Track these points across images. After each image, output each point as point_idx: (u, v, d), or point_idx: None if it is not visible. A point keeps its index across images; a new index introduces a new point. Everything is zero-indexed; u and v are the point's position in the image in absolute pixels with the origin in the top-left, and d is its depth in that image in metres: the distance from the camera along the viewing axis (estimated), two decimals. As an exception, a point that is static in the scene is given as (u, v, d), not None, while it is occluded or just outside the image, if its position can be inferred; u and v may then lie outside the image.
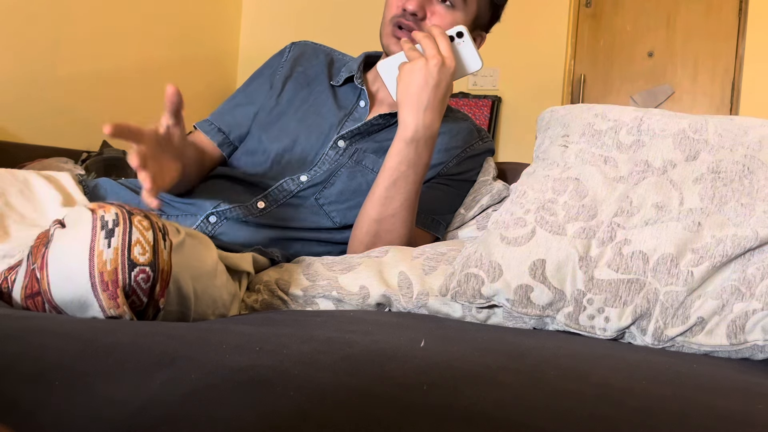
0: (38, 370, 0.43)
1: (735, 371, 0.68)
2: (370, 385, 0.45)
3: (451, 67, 0.98)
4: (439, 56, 0.97)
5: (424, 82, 0.97)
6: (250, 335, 0.57)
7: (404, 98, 0.98)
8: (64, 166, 1.90)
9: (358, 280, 0.91)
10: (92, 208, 0.65)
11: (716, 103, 3.16)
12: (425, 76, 0.97)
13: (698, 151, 0.87)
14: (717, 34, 3.15)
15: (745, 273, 0.78)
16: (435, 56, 0.97)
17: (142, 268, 0.63)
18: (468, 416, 0.40)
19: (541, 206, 0.87)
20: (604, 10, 3.32)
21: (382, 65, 1.05)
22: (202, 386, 0.41)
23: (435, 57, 0.97)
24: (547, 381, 0.52)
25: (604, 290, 0.80)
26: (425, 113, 0.98)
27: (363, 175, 1.12)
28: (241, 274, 0.93)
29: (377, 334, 0.64)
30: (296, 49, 1.25)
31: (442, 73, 0.97)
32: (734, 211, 0.82)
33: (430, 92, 0.97)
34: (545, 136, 1.00)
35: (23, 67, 2.38)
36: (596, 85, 3.32)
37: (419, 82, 0.97)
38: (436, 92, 0.97)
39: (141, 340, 0.50)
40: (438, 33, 0.99)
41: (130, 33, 2.85)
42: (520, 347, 0.67)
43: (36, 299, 0.65)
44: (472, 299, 0.85)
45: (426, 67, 0.96)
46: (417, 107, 0.97)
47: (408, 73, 0.97)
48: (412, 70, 0.97)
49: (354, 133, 1.13)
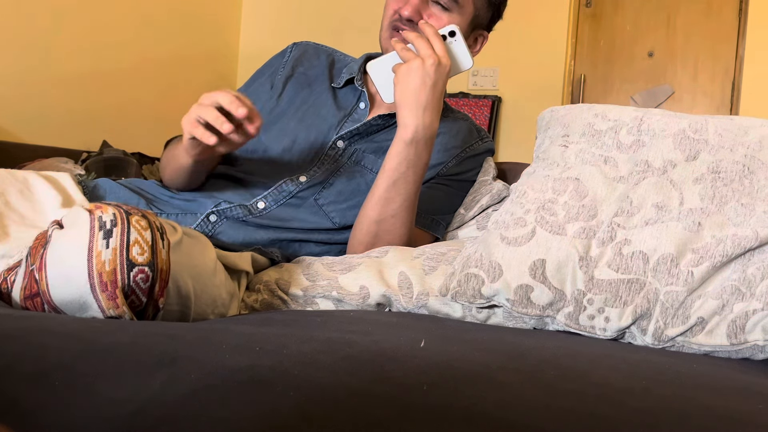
0: (38, 370, 0.43)
1: (735, 371, 0.68)
2: (370, 385, 0.45)
3: (447, 65, 0.98)
4: (434, 56, 0.96)
5: (422, 81, 0.96)
6: (250, 335, 0.57)
7: (402, 99, 0.98)
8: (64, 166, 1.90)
9: (358, 280, 0.91)
10: (90, 208, 0.65)
11: (716, 103, 3.16)
12: (422, 76, 0.96)
13: (698, 151, 0.87)
14: (717, 34, 3.15)
15: (745, 273, 0.78)
16: (431, 56, 0.96)
17: (140, 268, 0.63)
18: (468, 416, 0.40)
19: (541, 206, 0.87)
20: (604, 10, 3.32)
21: (373, 67, 1.04)
22: (202, 386, 0.41)
23: (431, 56, 0.96)
24: (547, 381, 0.52)
25: (604, 290, 0.80)
26: (424, 113, 0.98)
27: (362, 175, 1.12)
28: (240, 273, 0.93)
29: (377, 334, 0.64)
30: (298, 50, 1.25)
31: (439, 73, 0.97)
32: (734, 211, 0.82)
33: (428, 92, 0.97)
34: (545, 136, 1.00)
35: (23, 66, 2.38)
36: (596, 85, 3.32)
37: (417, 82, 0.96)
38: (434, 92, 0.97)
39: (141, 340, 0.50)
40: (431, 33, 0.98)
41: (130, 33, 2.86)
42: (520, 347, 0.67)
43: (35, 300, 0.65)
44: (472, 299, 0.85)
45: (423, 66, 0.96)
46: (416, 107, 0.97)
47: (405, 73, 0.97)
48: (409, 71, 0.97)
49: (353, 133, 1.13)
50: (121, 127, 2.74)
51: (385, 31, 1.10)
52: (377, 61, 1.04)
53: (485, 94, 3.30)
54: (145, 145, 2.56)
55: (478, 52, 1.19)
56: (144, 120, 2.91)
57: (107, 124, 2.69)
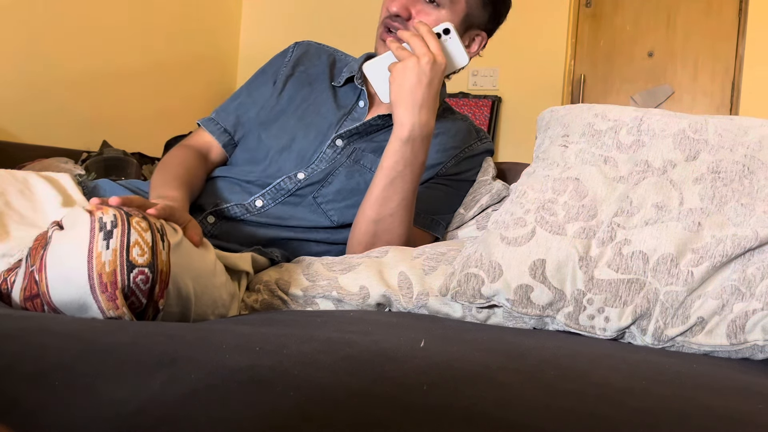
0: (38, 370, 0.43)
1: (735, 371, 0.68)
2: (370, 385, 0.45)
3: (442, 63, 0.98)
4: (429, 53, 0.96)
5: (417, 80, 0.96)
6: (250, 335, 0.57)
7: (398, 97, 0.98)
8: (64, 166, 1.90)
9: (358, 280, 0.91)
10: (90, 209, 0.65)
11: (716, 103, 3.16)
12: (418, 74, 0.96)
13: (698, 151, 0.87)
14: (717, 34, 3.15)
15: (745, 273, 0.78)
16: (426, 54, 0.96)
17: (140, 270, 0.63)
18: (468, 416, 0.40)
19: (541, 206, 0.87)
20: (604, 10, 3.32)
21: (369, 67, 1.04)
22: (202, 386, 0.41)
23: (426, 54, 0.96)
24: (547, 381, 0.52)
25: (604, 290, 0.80)
26: (420, 111, 0.98)
27: (361, 174, 1.12)
28: (240, 274, 0.93)
29: (377, 334, 0.64)
30: (299, 49, 1.26)
31: (434, 71, 0.97)
32: (734, 211, 0.82)
33: (423, 90, 0.97)
34: (545, 136, 1.00)
35: (23, 67, 2.38)
36: (596, 85, 3.32)
37: (412, 81, 0.96)
38: (429, 90, 0.97)
39: (141, 340, 0.50)
40: (425, 31, 0.98)
41: (130, 33, 2.86)
42: (520, 347, 0.67)
43: (35, 301, 0.65)
44: (472, 299, 0.85)
45: (418, 65, 0.96)
46: (412, 106, 0.97)
47: (400, 72, 0.97)
48: (405, 69, 0.97)
49: (352, 132, 1.13)
50: (121, 127, 2.74)
51: (378, 29, 1.11)
52: (373, 61, 1.04)
53: (485, 94, 3.30)
54: (145, 145, 2.56)
55: (476, 54, 1.19)
56: (144, 120, 2.91)
57: (107, 124, 2.69)
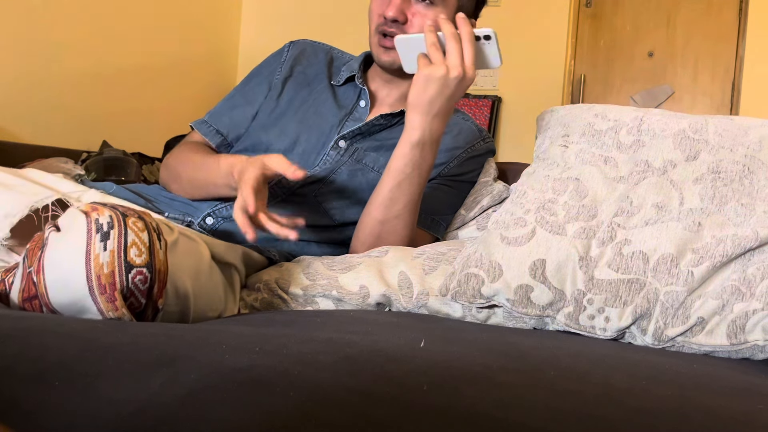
0: (38, 370, 0.43)
1: (735, 371, 0.68)
2: (370, 385, 0.45)
3: (471, 80, 0.95)
4: (460, 68, 0.93)
5: (439, 92, 0.95)
6: (250, 335, 0.57)
7: (416, 102, 0.96)
8: (64, 166, 1.90)
9: (358, 279, 0.91)
10: (86, 210, 0.64)
11: (716, 103, 3.16)
12: (442, 87, 0.94)
13: (698, 151, 0.87)
14: (717, 34, 3.15)
15: (745, 273, 0.78)
16: (457, 67, 0.93)
17: (139, 270, 0.63)
18: (468, 416, 0.40)
19: (541, 206, 0.87)
20: (604, 10, 3.32)
21: (400, 40, 1.00)
22: (202, 386, 0.41)
23: (457, 68, 0.93)
24: (547, 381, 0.52)
25: (604, 290, 0.80)
26: (434, 119, 0.97)
27: (363, 173, 1.12)
28: (231, 268, 0.93)
29: (377, 334, 0.64)
30: (295, 48, 1.25)
31: (460, 87, 0.95)
32: (734, 211, 0.82)
33: (443, 102, 0.96)
34: (545, 136, 1.00)
35: (23, 67, 2.38)
36: (596, 85, 3.32)
37: (435, 91, 0.95)
38: (449, 102, 0.96)
39: (141, 340, 0.50)
40: (466, 37, 0.94)
41: (130, 32, 2.85)
42: (520, 347, 0.67)
43: (33, 302, 0.65)
44: (472, 299, 0.85)
45: (446, 78, 0.93)
46: (428, 113, 0.96)
47: (425, 79, 0.95)
48: (430, 79, 0.94)
49: (355, 133, 1.13)
50: (121, 127, 2.74)
51: (374, 36, 1.10)
52: (406, 37, 1.00)
53: (485, 94, 3.30)
54: (145, 145, 2.56)
55: None
56: (144, 120, 2.91)
57: (107, 124, 2.69)
